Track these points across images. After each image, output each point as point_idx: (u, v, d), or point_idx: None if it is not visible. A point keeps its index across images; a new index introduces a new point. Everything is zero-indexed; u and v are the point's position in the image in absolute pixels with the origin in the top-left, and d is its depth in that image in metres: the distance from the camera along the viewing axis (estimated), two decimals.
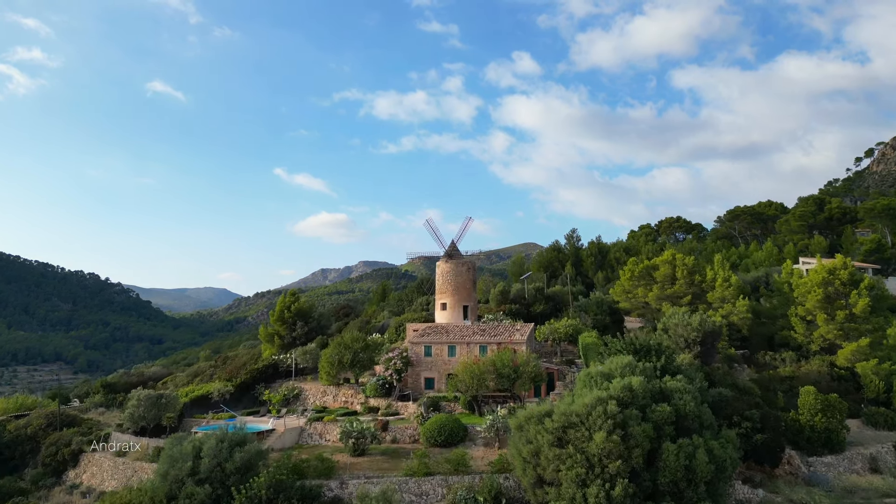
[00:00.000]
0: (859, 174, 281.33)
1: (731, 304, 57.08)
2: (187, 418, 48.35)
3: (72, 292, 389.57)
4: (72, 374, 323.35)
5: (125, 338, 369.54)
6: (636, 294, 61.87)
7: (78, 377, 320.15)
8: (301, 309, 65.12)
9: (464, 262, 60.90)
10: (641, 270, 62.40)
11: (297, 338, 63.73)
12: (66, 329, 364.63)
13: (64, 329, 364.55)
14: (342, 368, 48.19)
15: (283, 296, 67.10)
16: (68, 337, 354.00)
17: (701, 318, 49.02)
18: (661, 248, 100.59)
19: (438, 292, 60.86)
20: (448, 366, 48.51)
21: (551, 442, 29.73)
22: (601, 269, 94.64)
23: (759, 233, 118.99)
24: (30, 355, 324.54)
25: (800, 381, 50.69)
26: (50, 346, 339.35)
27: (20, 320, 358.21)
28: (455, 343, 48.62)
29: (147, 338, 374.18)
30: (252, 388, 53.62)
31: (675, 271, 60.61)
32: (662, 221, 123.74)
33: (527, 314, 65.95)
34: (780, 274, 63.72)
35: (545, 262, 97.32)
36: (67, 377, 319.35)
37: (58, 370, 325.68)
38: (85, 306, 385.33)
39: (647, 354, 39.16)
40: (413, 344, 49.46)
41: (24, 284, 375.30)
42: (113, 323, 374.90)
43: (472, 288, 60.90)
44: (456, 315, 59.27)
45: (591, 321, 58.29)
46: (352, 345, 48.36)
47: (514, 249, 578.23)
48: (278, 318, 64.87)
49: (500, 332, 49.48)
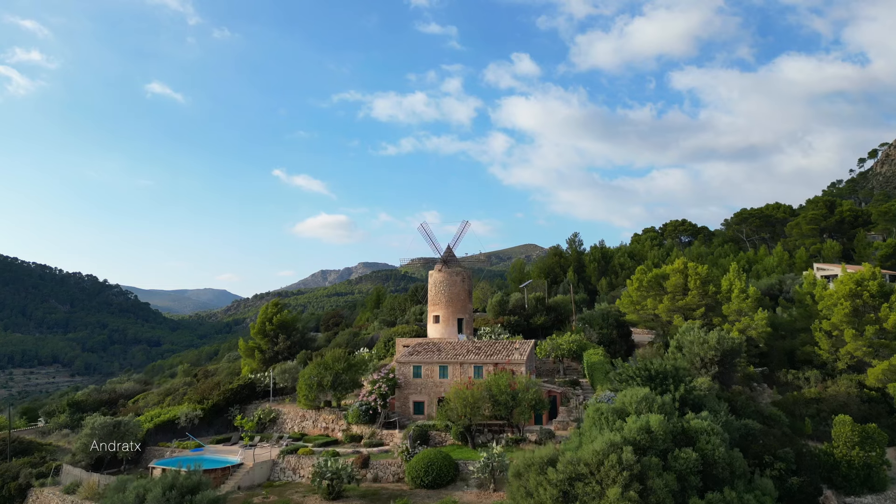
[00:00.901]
0: (863, 175, 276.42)
1: (749, 317, 52.02)
2: (151, 446, 43.36)
3: (69, 294, 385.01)
4: (69, 377, 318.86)
5: (123, 340, 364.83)
6: (645, 305, 56.82)
7: (75, 380, 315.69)
8: (284, 321, 60.10)
9: (458, 272, 55.88)
10: (650, 280, 57.34)
11: (279, 352, 58.77)
12: (63, 331, 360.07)
13: (61, 331, 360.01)
14: (322, 391, 43.19)
15: (265, 306, 62.12)
16: (66, 339, 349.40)
17: (719, 336, 44.01)
18: (667, 252, 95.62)
19: (431, 304, 55.82)
20: (439, 388, 43.51)
21: (555, 497, 24.70)
22: (605, 275, 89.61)
23: (767, 236, 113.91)
24: (26, 358, 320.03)
25: (827, 405, 45.72)
26: (47, 348, 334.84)
27: (17, 322, 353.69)
28: (447, 363, 43.60)
29: (145, 340, 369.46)
30: (226, 410, 48.59)
31: (687, 281, 55.57)
32: (667, 224, 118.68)
33: (526, 326, 60.97)
34: (800, 284, 58.68)
35: (546, 267, 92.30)
36: (64, 380, 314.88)
37: (55, 373, 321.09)
38: (83, 308, 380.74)
39: (663, 381, 34.20)
40: (401, 364, 44.44)
41: (21, 286, 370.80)
42: (111, 325, 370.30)
43: (467, 299, 55.88)
44: (449, 329, 54.25)
45: (596, 335, 53.27)
46: (332, 365, 43.37)
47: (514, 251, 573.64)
48: (259, 330, 59.87)
49: (498, 351, 44.46)
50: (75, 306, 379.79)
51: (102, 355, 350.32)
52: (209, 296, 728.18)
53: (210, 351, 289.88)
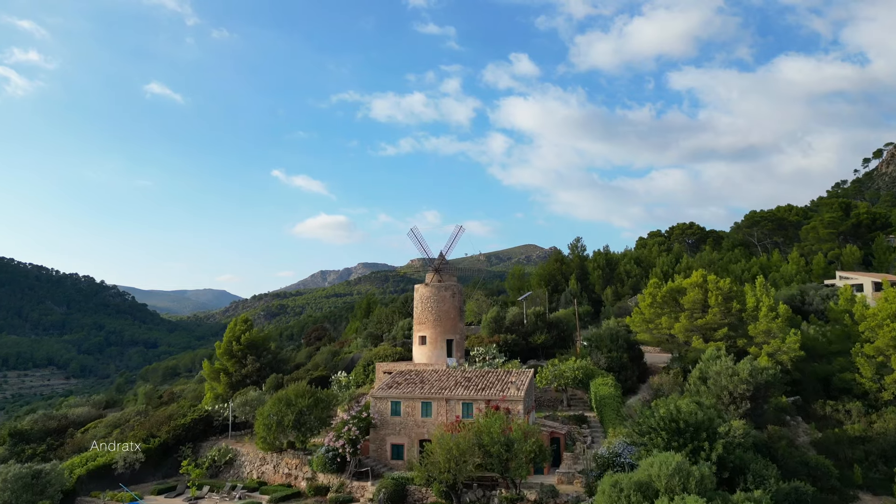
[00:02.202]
0: (869, 175, 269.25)
1: (779, 338, 44.91)
2: (83, 497, 36.37)
3: (66, 295, 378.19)
4: (63, 380, 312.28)
5: (119, 342, 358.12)
6: (659, 324, 49.74)
7: (70, 382, 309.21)
8: (253, 340, 53.07)
9: (448, 286, 48.79)
10: (665, 295, 50.23)
11: (247, 375, 51.76)
12: (59, 333, 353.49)
13: (57, 333, 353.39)
14: (282, 431, 36.17)
15: (233, 322, 55.13)
16: (61, 341, 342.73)
17: (752, 367, 36.93)
18: (675, 258, 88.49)
19: (417, 322, 48.75)
20: (421, 428, 36.47)
21: None
22: (610, 283, 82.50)
23: (781, 240, 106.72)
24: (21, 360, 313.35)
25: (876, 445, 38.69)
26: (42, 350, 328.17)
27: (13, 324, 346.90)
28: (431, 399, 36.54)
29: (142, 342, 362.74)
30: (176, 449, 41.53)
31: (707, 296, 48.45)
32: (674, 228, 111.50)
33: (525, 346, 53.98)
34: (834, 300, 51.58)
35: (547, 274, 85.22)
36: (59, 382, 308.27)
37: (49, 375, 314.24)
38: (79, 309, 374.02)
39: (694, 435, 27.20)
40: (377, 399, 37.39)
41: (17, 287, 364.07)
42: (108, 327, 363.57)
43: (457, 317, 48.80)
44: (437, 352, 47.18)
45: (604, 359, 46.18)
46: (295, 401, 36.32)
47: (513, 251, 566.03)
48: (225, 350, 52.84)
49: (491, 384, 37.39)
50: (72, 308, 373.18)
51: (98, 357, 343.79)
52: (209, 296, 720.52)
53: (204, 353, 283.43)
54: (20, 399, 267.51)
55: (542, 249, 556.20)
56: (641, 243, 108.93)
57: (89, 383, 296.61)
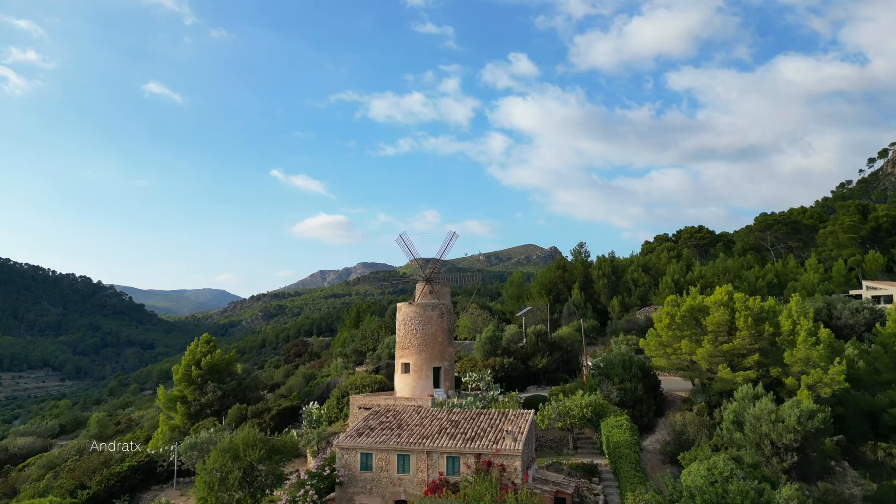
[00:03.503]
0: (875, 175, 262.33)
1: (821, 369, 37.95)
2: None
3: (62, 296, 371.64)
4: (59, 381, 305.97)
5: (115, 343, 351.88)
6: (678, 349, 42.76)
7: (65, 384, 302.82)
8: (215, 364, 46.17)
9: (436, 306, 41.81)
10: (685, 314, 43.24)
11: (207, 405, 44.93)
12: (55, 334, 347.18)
13: (53, 334, 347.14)
14: (227, 490, 29.30)
15: (193, 343, 48.19)
16: (57, 342, 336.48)
17: (800, 412, 30.06)
18: (686, 266, 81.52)
19: (399, 347, 41.79)
20: (397, 487, 29.62)
21: None
22: (616, 292, 75.57)
23: (796, 245, 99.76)
24: (16, 361, 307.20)
25: None
26: (37, 351, 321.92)
27: (8, 325, 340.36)
28: (410, 451, 29.67)
29: (138, 342, 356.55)
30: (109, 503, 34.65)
31: (735, 317, 41.48)
32: (682, 231, 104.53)
33: (524, 370, 47.14)
34: (881, 321, 44.62)
35: (548, 283, 78.31)
36: (54, 384, 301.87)
37: (44, 377, 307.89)
38: (76, 310, 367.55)
39: None
40: (344, 450, 30.51)
41: (13, 288, 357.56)
42: (104, 327, 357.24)
43: (446, 341, 41.86)
44: (422, 382, 40.27)
45: (616, 392, 39.27)
46: (244, 453, 29.43)
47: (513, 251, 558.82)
48: (183, 375, 45.93)
49: (483, 431, 30.50)
50: (68, 308, 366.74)
51: (94, 358, 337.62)
52: (208, 296, 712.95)
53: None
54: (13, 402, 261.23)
55: (542, 250, 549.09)
56: (648, 248, 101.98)
57: (84, 385, 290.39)
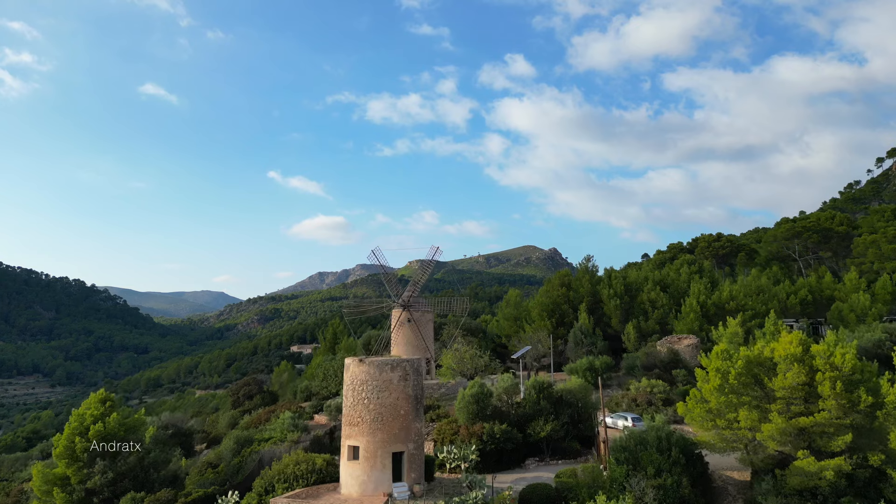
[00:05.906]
0: (885, 175, 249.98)
1: None
2: None
3: (55, 300, 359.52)
4: (49, 388, 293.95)
5: (109, 347, 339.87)
6: (732, 421, 30.30)
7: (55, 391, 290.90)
8: (109, 432, 33.78)
9: (397, 364, 29.19)
10: (740, 372, 30.72)
11: (95, 491, 32.54)
12: (47, 339, 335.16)
13: (45, 339, 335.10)
14: None
15: (85, 403, 35.71)
16: (48, 347, 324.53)
17: None
18: (710, 282, 68.96)
19: (346, 423, 29.25)
20: None
21: None
22: (631, 315, 63.19)
23: (828, 255, 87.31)
24: (5, 368, 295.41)
25: None
26: (28, 357, 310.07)
27: None
28: None
29: (132, 347, 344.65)
30: None
31: (814, 378, 29.03)
32: (698, 240, 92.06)
33: (522, 440, 34.77)
34: None
35: (551, 304, 65.88)
36: (44, 391, 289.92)
37: (34, 383, 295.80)
38: (69, 314, 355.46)
39: None
40: None
41: (4, 292, 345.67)
42: (97, 332, 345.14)
43: (412, 413, 29.30)
44: (376, 474, 27.78)
45: (651, 493, 26.86)
46: None
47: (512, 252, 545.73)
48: (65, 450, 33.54)
49: None
50: (61, 312, 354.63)
51: (87, 364, 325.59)
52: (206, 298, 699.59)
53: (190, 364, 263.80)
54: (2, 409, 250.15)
55: (541, 251, 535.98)
56: (661, 259, 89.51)
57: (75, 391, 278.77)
